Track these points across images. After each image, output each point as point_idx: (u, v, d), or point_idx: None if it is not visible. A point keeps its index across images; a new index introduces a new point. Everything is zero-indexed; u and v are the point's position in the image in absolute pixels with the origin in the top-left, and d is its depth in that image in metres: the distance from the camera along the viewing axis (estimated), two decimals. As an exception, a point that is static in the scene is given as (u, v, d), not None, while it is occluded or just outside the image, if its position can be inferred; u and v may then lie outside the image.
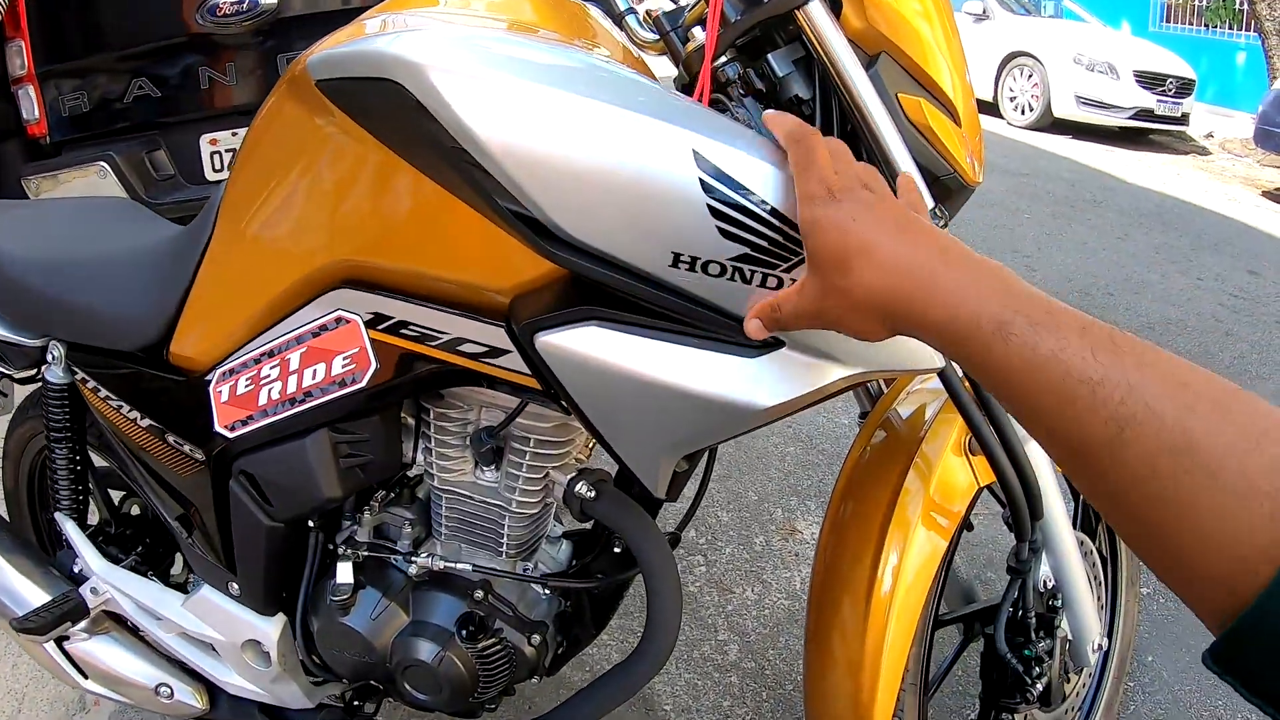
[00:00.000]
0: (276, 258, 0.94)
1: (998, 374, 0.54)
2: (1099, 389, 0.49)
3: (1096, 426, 0.49)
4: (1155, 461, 0.47)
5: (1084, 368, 0.51)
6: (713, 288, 0.71)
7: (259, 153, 0.95)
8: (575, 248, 0.72)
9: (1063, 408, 0.51)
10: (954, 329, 0.56)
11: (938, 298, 0.58)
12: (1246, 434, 0.46)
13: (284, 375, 0.96)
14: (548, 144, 0.69)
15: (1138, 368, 0.50)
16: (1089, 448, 0.50)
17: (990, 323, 0.55)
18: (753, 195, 0.68)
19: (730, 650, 1.96)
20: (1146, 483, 0.47)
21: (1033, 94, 9.21)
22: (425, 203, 0.83)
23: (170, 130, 3.22)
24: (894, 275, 0.59)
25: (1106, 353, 0.51)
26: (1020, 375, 0.53)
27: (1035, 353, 0.52)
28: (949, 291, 0.58)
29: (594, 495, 0.97)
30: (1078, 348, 0.51)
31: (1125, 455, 0.48)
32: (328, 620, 1.13)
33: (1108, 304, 4.39)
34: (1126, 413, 0.48)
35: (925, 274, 0.59)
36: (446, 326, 0.86)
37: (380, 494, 1.13)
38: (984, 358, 0.55)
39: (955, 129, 0.93)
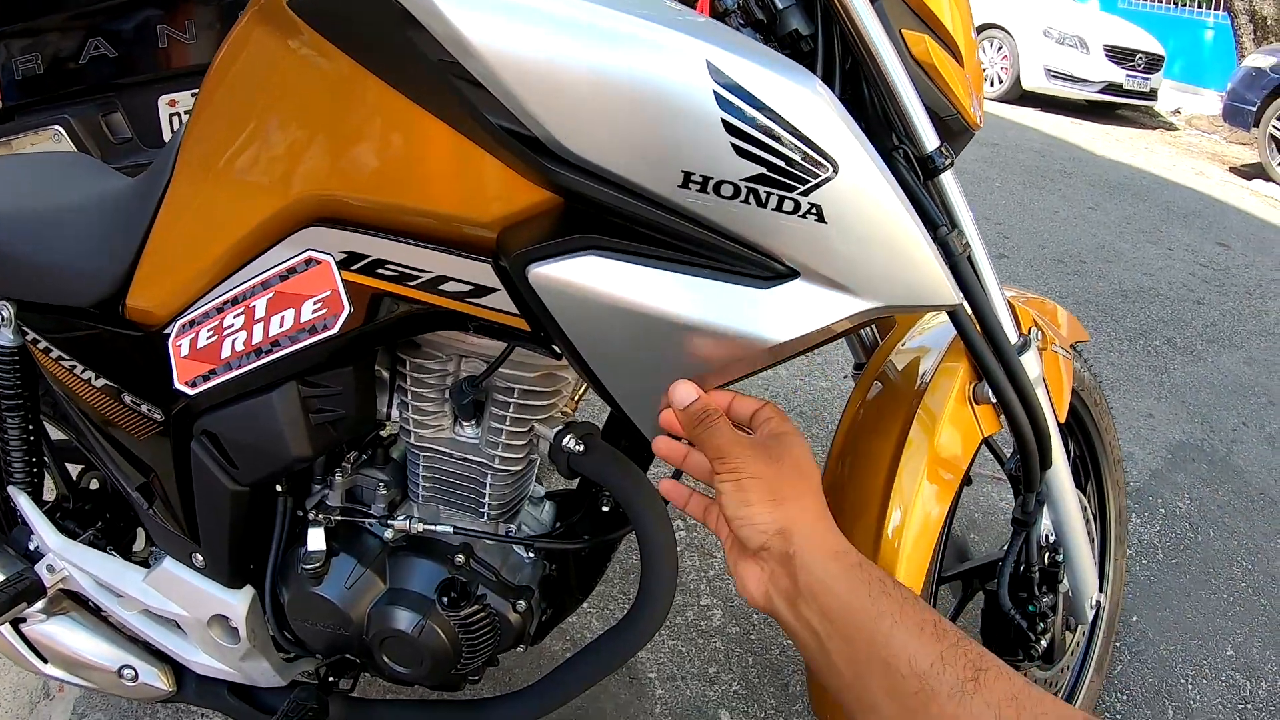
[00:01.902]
0: (242, 196, 0.86)
1: (877, 608, 0.59)
2: (962, 640, 0.57)
3: (955, 669, 0.55)
4: (1000, 709, 0.52)
5: (948, 624, 0.59)
6: (724, 211, 0.66)
7: (223, 87, 0.87)
8: (577, 168, 0.67)
9: (932, 643, 0.56)
10: (849, 559, 0.64)
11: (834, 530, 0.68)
12: (1075, 716, 0.53)
13: (249, 324, 0.89)
14: (548, 52, 0.64)
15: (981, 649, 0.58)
16: (943, 688, 0.54)
17: (863, 559, 0.64)
18: (771, 111, 0.63)
19: (714, 615, 1.94)
20: None
21: (1002, 66, 9.30)
22: (406, 129, 0.76)
23: (127, 92, 3.09)
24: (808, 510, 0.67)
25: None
26: (901, 609, 0.59)
27: (917, 601, 0.60)
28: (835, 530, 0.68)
29: (582, 449, 0.91)
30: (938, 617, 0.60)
31: (974, 702, 0.53)
32: (299, 591, 1.07)
33: (1081, 271, 4.43)
34: (984, 663, 0.55)
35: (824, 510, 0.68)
36: (427, 264, 0.79)
37: (353, 455, 1.07)
38: (867, 590, 0.61)
39: (958, 69, 0.91)
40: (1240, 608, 2.22)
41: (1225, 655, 2.05)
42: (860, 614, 0.59)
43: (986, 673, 0.54)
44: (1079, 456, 1.52)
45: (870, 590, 0.59)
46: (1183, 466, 2.80)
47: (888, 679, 0.56)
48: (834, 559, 0.62)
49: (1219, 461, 2.87)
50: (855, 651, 0.58)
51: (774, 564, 0.64)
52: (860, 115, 0.88)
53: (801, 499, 0.66)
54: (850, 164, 0.65)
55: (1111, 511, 1.57)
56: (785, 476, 0.66)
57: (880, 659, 0.57)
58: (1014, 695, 0.53)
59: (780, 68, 0.64)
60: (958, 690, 0.53)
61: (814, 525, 0.65)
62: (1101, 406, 1.48)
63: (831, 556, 0.62)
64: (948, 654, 0.55)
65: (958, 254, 0.89)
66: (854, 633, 0.58)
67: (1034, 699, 0.52)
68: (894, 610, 0.58)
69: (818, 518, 0.65)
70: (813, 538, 0.63)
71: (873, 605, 0.58)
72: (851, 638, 0.58)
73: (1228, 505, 2.64)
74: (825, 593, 0.61)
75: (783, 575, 0.63)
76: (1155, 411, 3.13)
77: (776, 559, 0.64)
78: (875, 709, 0.57)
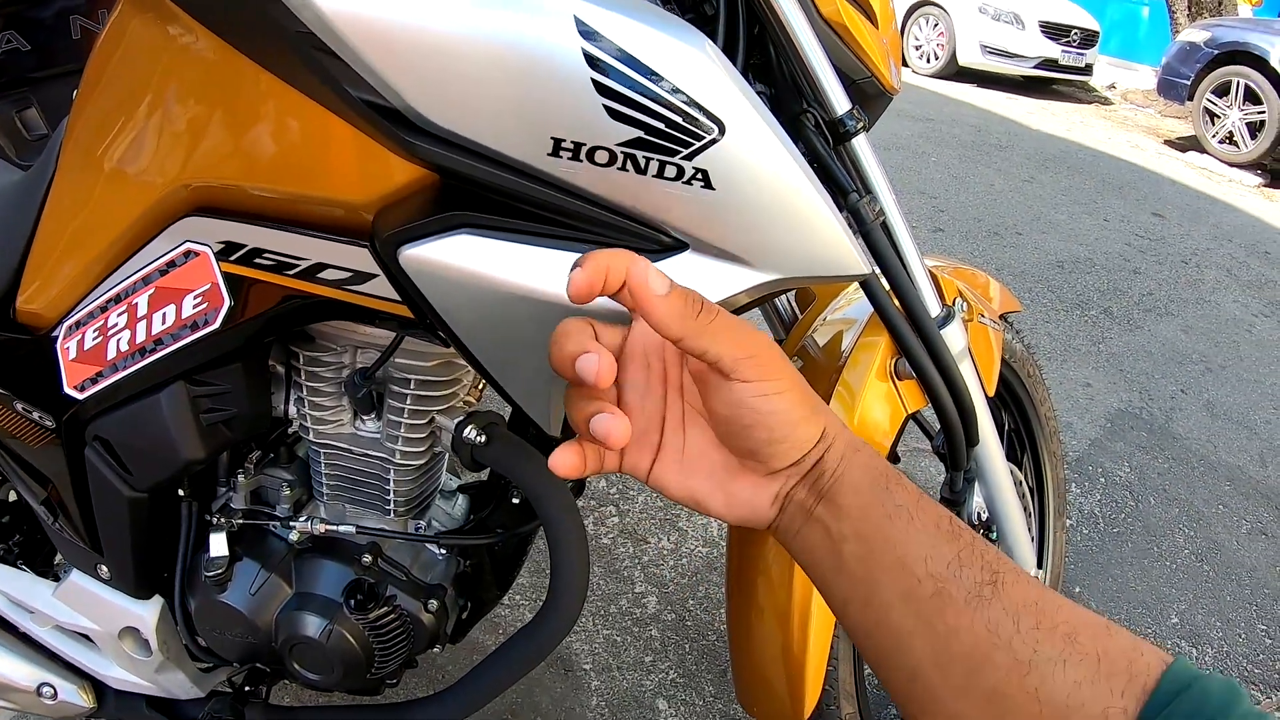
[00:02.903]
0: (120, 189, 0.82)
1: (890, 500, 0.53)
2: (976, 540, 0.51)
3: (972, 572, 0.49)
4: (1020, 617, 0.47)
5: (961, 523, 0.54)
6: (601, 179, 0.62)
7: (102, 76, 0.82)
8: (441, 140, 0.62)
9: (945, 546, 0.51)
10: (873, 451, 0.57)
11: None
12: (1097, 619, 0.48)
13: (132, 322, 0.84)
14: (404, 17, 0.59)
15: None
16: (960, 593, 0.49)
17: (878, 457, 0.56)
18: (648, 69, 0.59)
19: (649, 603, 1.92)
20: (1008, 641, 0.47)
21: (938, 43, 9.43)
22: (277, 112, 0.72)
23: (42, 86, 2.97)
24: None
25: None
26: (916, 505, 0.52)
27: (922, 496, 0.54)
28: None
29: (484, 440, 0.87)
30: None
31: (993, 608, 0.48)
32: (205, 599, 1.02)
33: (1017, 243, 4.48)
34: (1001, 566, 0.50)
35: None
36: (305, 251, 0.74)
37: (256, 455, 1.02)
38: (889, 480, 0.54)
39: (872, 30, 0.88)
40: (1183, 575, 2.25)
41: (1170, 623, 2.08)
42: (877, 510, 0.52)
43: (1004, 576, 0.49)
44: (1014, 429, 1.51)
45: (888, 483, 0.53)
46: (1122, 435, 2.84)
47: (903, 581, 0.50)
48: (854, 451, 0.54)
49: (1158, 429, 2.91)
50: (870, 551, 0.52)
51: (797, 475, 0.54)
52: (770, 82, 0.85)
53: (810, 390, 0.55)
54: (739, 125, 0.61)
55: (1049, 483, 1.56)
56: (791, 367, 0.55)
57: (896, 558, 0.51)
58: (1034, 601, 0.48)
59: (658, 22, 0.60)
60: (975, 595, 0.49)
61: (835, 420, 0.56)
62: (1035, 378, 1.47)
63: (852, 449, 0.54)
64: (965, 555, 0.50)
65: (869, 221, 0.85)
66: (871, 531, 0.52)
67: (1054, 605, 0.48)
68: (910, 505, 0.52)
69: (829, 409, 0.57)
70: (840, 436, 0.54)
71: (890, 500, 0.52)
72: (868, 537, 0.52)
73: (1168, 473, 2.67)
74: (843, 488, 0.53)
75: (803, 485, 0.54)
76: (1093, 381, 3.17)
77: (804, 469, 0.54)
78: (887, 619, 0.51)
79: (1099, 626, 0.47)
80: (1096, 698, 0.44)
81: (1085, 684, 0.45)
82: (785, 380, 0.51)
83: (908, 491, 0.53)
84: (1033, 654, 0.46)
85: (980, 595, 0.48)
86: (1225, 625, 2.10)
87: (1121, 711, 0.44)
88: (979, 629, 0.48)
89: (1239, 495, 2.61)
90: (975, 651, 0.48)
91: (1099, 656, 0.45)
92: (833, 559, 0.53)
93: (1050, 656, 0.46)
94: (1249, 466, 2.78)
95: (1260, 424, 3.06)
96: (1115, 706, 0.44)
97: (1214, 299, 4.13)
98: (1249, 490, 2.65)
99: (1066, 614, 0.48)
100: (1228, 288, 4.32)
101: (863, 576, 0.52)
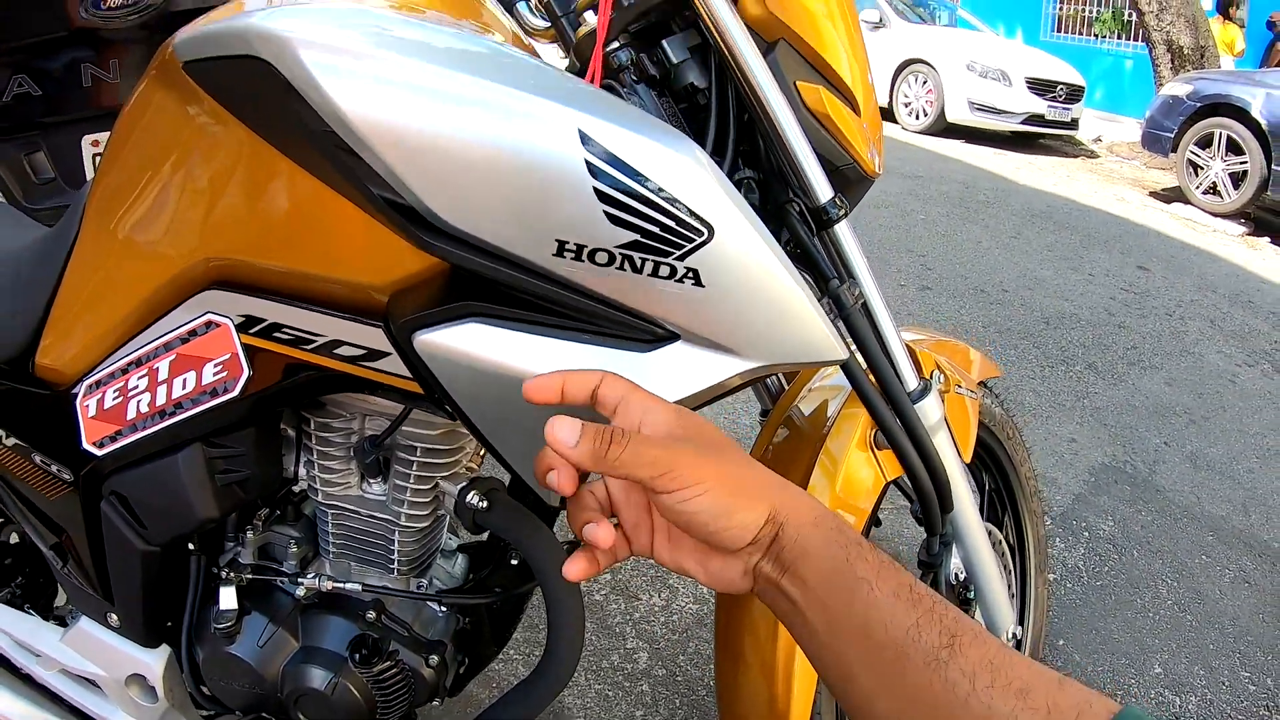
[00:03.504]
0: (144, 258, 0.87)
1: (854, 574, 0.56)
2: (937, 604, 0.55)
3: (930, 636, 0.53)
4: (976, 677, 0.51)
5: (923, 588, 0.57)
6: (601, 278, 0.67)
7: (126, 146, 0.88)
8: (454, 237, 0.68)
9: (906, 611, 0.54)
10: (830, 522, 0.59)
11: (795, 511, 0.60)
12: (1049, 674, 0.51)
13: (153, 386, 0.89)
14: (422, 124, 0.65)
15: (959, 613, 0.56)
16: (919, 654, 0.53)
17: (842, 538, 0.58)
18: (643, 178, 0.65)
19: (640, 658, 1.94)
20: (965, 699, 0.51)
21: (927, 100, 9.55)
22: (297, 195, 0.77)
23: (51, 131, 3.03)
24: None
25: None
26: (877, 575, 0.56)
27: (885, 564, 0.57)
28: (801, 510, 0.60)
29: (486, 505, 0.91)
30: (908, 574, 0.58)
31: (949, 670, 0.51)
32: (213, 650, 1.06)
33: (1003, 300, 4.53)
34: (958, 628, 0.53)
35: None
36: (322, 328, 0.80)
37: (264, 512, 1.06)
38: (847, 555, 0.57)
39: (854, 118, 0.92)
40: (1167, 625, 2.27)
41: (1154, 673, 2.10)
42: (838, 579, 0.56)
43: (962, 638, 0.53)
44: (994, 489, 1.56)
45: (848, 555, 0.57)
46: (1105, 489, 2.87)
47: (864, 645, 0.55)
48: (814, 526, 0.58)
49: (1141, 482, 2.94)
50: (832, 618, 0.56)
51: (758, 552, 0.59)
52: (758, 168, 0.91)
53: (758, 473, 0.60)
54: (726, 228, 0.67)
55: (1030, 541, 1.60)
56: (725, 457, 0.59)
57: (858, 625, 0.55)
58: (989, 660, 0.52)
59: (654, 133, 0.66)
60: (933, 658, 0.52)
61: (788, 498, 0.59)
62: (1015, 439, 1.52)
63: (812, 525, 0.58)
64: (924, 620, 0.54)
65: (849, 306, 0.91)
66: (832, 598, 0.56)
67: (1009, 663, 0.52)
68: (871, 575, 0.56)
69: (783, 487, 0.60)
70: (795, 513, 0.58)
71: (850, 570, 0.56)
72: (830, 606, 0.56)
73: (1151, 525, 2.71)
74: (804, 561, 0.57)
75: (766, 559, 0.58)
76: (1077, 436, 3.21)
77: (762, 547, 0.58)
78: (852, 677, 0.56)
79: (1051, 681, 0.50)
80: None
81: None
82: (706, 483, 0.56)
83: (868, 563, 0.56)
84: (987, 710, 0.50)
85: (938, 658, 0.52)
86: (1209, 673, 2.12)
87: None
88: (937, 688, 0.52)
89: (1222, 545, 2.65)
90: (936, 710, 0.52)
91: (1049, 709, 0.48)
92: (802, 624, 0.58)
93: (1003, 712, 0.49)
94: (1232, 516, 2.81)
95: (1243, 473, 3.09)
96: None
97: (1198, 350, 4.18)
98: (1232, 539, 2.68)
99: (1021, 670, 0.51)
100: (1211, 339, 4.36)
101: (828, 641, 0.57)
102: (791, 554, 0.57)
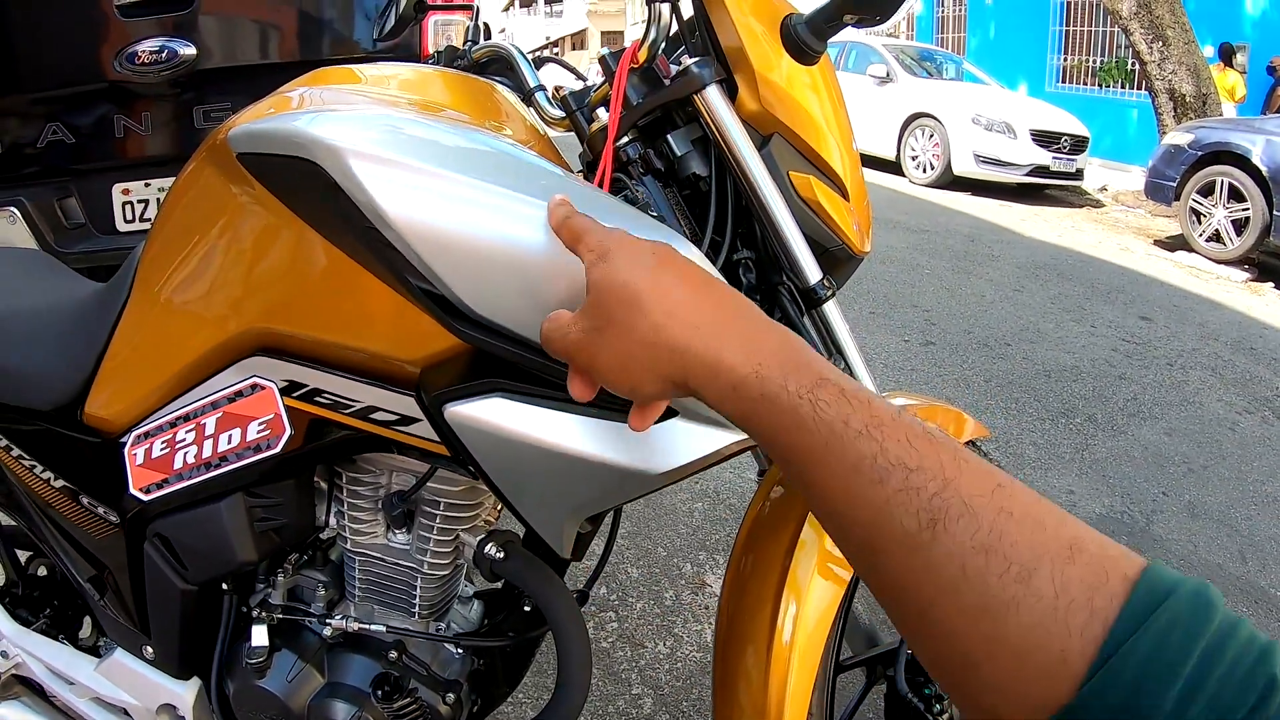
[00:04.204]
0: (192, 323, 0.95)
1: (799, 444, 0.50)
2: (913, 476, 0.46)
3: (906, 517, 0.45)
4: (965, 562, 0.43)
5: (899, 451, 0.47)
6: None
7: (176, 216, 0.97)
8: (480, 324, 0.76)
9: (869, 490, 0.47)
10: (754, 387, 0.52)
11: (738, 351, 0.54)
12: (1059, 540, 0.44)
13: (199, 440, 0.97)
14: (454, 226, 0.73)
15: (954, 462, 0.47)
16: (892, 539, 0.46)
17: (799, 386, 0.50)
18: None
19: (644, 704, 1.97)
20: (953, 585, 0.44)
21: (934, 153, 9.57)
22: (338, 275, 0.86)
23: (83, 178, 3.14)
24: (688, 321, 0.56)
25: (923, 441, 0.48)
26: (826, 449, 0.49)
27: (847, 426, 0.48)
28: (752, 347, 0.54)
29: (503, 556, 0.99)
30: (893, 430, 0.48)
31: (933, 553, 0.44)
32: (243, 683, 1.12)
33: (1005, 354, 4.53)
34: (940, 506, 0.45)
35: (725, 325, 0.56)
36: (359, 395, 0.89)
37: (294, 556, 1.13)
38: (784, 423, 0.50)
39: (843, 203, 0.96)
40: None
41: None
42: (776, 451, 0.52)
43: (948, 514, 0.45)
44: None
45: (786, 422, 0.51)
46: (1102, 540, 2.89)
47: (831, 524, 0.50)
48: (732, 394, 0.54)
49: (1139, 532, 2.95)
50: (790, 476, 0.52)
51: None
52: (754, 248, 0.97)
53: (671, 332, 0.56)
54: None
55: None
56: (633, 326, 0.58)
57: (816, 498, 0.51)
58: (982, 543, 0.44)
59: (646, 230, 0.74)
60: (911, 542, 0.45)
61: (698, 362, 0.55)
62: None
63: (731, 391, 0.54)
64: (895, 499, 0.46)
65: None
66: (781, 461, 0.52)
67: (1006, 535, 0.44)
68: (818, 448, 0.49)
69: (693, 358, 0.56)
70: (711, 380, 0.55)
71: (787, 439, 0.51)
72: (780, 463, 0.52)
73: (1147, 575, 2.71)
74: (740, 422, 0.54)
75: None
76: (1076, 488, 3.23)
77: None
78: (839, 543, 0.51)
79: (1059, 552, 0.43)
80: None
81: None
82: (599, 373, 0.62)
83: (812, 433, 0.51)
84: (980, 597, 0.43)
85: (917, 542, 0.45)
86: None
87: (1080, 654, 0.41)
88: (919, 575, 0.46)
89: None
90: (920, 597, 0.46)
91: (1056, 593, 0.42)
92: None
93: (1001, 600, 0.43)
94: (1229, 564, 2.81)
95: (1240, 520, 3.08)
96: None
97: (1198, 399, 4.16)
98: (1228, 587, 2.68)
99: (1021, 544, 0.44)
100: (1212, 387, 4.33)
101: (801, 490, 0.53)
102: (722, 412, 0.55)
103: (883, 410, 0.49)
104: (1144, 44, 9.65)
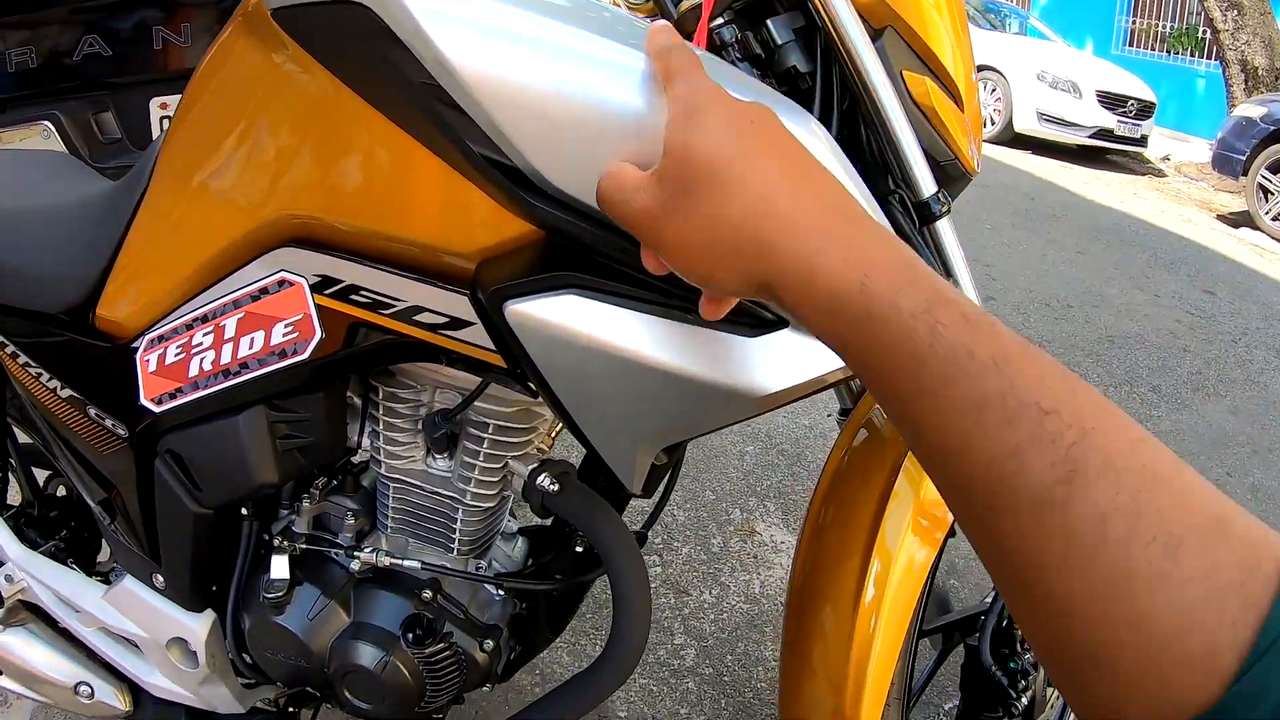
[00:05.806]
0: (217, 211, 0.84)
1: (910, 375, 0.43)
2: (1049, 420, 0.39)
3: (1040, 469, 0.38)
4: (1107, 526, 0.37)
5: (1032, 390, 0.39)
6: None
7: (205, 96, 0.85)
8: (559, 202, 0.64)
9: (996, 434, 0.39)
10: (860, 300, 0.44)
11: (840, 256, 0.46)
12: (1207, 512, 0.37)
13: (218, 344, 0.86)
14: (533, 80, 0.61)
15: (1094, 407, 0.39)
16: (1021, 495, 0.39)
17: (914, 305, 0.43)
18: None
19: (687, 655, 1.92)
20: (1089, 554, 0.37)
21: (995, 108, 9.47)
22: (386, 153, 0.74)
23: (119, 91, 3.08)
24: (782, 213, 0.48)
25: (1058, 380, 0.40)
26: (944, 382, 0.41)
27: (971, 357, 0.41)
28: (857, 254, 0.45)
29: (557, 489, 0.88)
30: (1024, 364, 0.40)
31: (1069, 514, 0.37)
32: (260, 619, 1.04)
33: (1068, 315, 4.47)
34: (1080, 457, 0.38)
35: (827, 222, 0.47)
36: (402, 293, 0.77)
37: (321, 481, 1.04)
38: (893, 349, 0.43)
39: (959, 113, 0.89)
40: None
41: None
42: (869, 376, 0.46)
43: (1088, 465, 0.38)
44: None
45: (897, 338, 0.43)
46: (1166, 517, 2.81)
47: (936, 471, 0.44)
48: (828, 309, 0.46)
49: (1202, 512, 2.88)
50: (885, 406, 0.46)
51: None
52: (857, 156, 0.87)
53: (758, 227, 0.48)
54: None
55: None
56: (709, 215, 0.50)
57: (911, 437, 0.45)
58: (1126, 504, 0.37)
59: (772, 103, 0.62)
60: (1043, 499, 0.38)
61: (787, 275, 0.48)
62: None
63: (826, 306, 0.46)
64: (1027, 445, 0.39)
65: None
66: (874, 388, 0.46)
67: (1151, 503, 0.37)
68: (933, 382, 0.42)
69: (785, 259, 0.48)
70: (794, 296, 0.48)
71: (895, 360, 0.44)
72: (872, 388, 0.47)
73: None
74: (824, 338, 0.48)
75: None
76: (1139, 460, 3.15)
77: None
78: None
79: (1210, 528, 0.37)
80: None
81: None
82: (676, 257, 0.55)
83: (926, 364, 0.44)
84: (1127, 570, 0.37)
85: (1050, 500, 0.39)
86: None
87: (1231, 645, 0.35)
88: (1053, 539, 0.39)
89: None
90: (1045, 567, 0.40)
91: (1208, 571, 0.36)
92: None
93: (1145, 574, 0.36)
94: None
95: None
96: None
97: (1263, 379, 4.09)
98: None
99: (1169, 513, 0.38)
100: (1277, 368, 4.28)
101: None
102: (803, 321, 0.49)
103: (1010, 340, 0.42)
104: (1218, 11, 9.46)
